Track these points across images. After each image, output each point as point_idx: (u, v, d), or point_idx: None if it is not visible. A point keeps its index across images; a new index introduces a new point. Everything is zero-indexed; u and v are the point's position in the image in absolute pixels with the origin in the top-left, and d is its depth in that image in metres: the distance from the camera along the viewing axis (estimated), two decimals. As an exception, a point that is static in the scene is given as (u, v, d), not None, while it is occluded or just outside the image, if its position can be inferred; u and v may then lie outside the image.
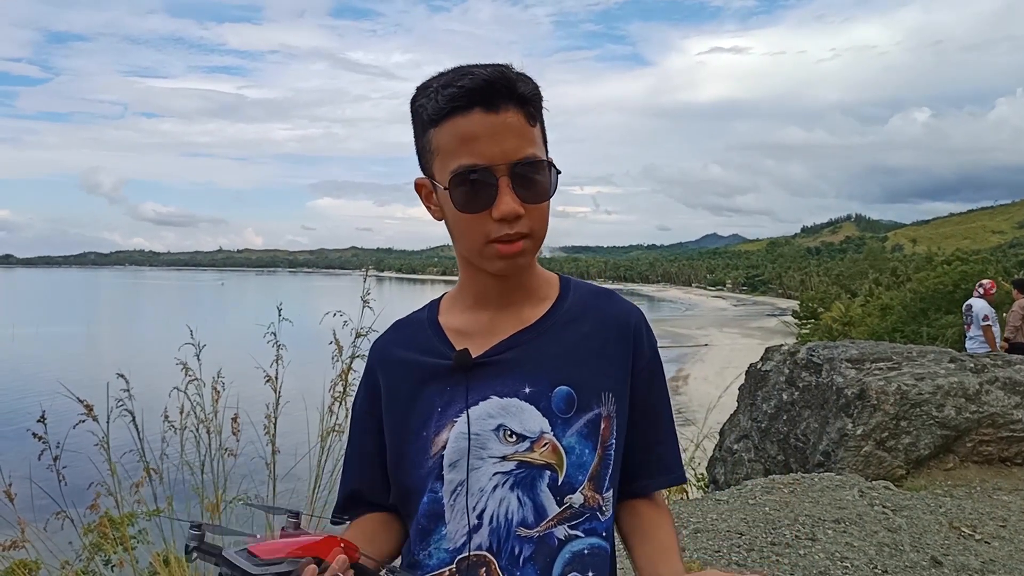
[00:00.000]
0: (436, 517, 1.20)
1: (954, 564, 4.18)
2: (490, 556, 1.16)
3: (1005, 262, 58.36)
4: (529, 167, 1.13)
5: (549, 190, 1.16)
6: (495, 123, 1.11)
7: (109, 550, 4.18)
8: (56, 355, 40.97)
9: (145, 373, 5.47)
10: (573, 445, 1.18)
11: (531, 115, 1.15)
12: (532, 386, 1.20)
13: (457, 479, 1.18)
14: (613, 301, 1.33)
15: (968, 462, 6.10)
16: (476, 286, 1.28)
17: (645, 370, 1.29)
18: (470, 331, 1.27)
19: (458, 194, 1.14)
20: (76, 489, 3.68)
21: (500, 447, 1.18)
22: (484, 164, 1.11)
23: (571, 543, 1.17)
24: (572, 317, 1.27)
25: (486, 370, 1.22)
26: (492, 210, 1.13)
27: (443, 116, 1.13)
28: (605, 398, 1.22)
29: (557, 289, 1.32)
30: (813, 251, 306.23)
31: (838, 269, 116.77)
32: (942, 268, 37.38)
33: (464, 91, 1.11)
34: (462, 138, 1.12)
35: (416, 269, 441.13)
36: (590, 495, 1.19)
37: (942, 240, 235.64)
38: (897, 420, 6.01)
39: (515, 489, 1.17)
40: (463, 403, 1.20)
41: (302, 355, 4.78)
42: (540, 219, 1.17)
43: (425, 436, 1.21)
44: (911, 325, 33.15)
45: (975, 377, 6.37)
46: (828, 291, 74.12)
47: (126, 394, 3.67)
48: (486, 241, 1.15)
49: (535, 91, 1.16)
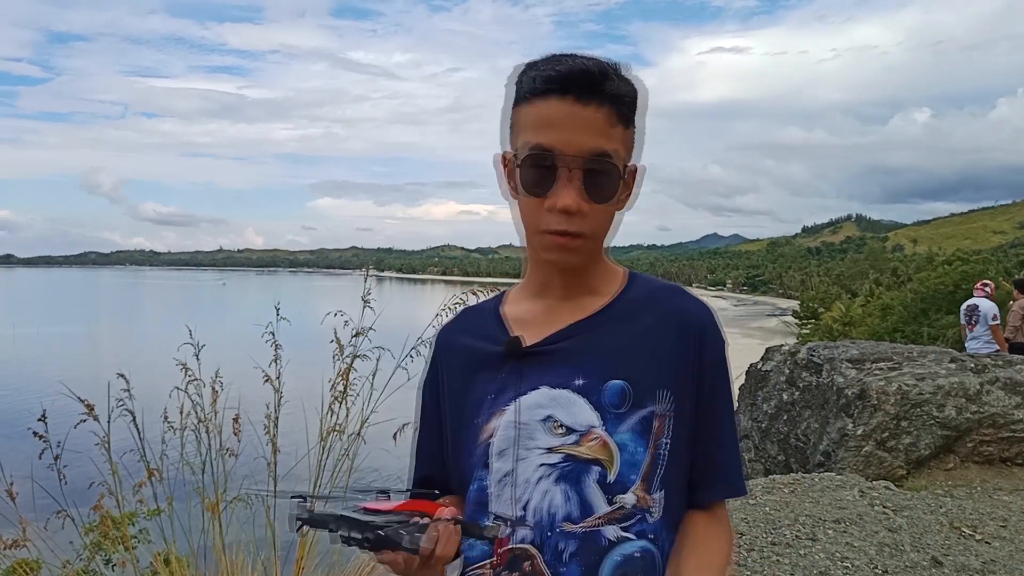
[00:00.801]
0: (482, 506, 1.19)
1: (955, 564, 4.18)
2: (533, 550, 1.14)
3: (1006, 262, 58.32)
4: (600, 166, 1.11)
5: (614, 193, 1.14)
6: (578, 114, 1.10)
7: (110, 549, 4.19)
8: (57, 355, 40.99)
9: (146, 373, 5.47)
10: (626, 442, 1.15)
11: (620, 115, 1.13)
12: (584, 378, 1.16)
13: (504, 468, 1.17)
14: (680, 297, 1.27)
15: (969, 462, 6.11)
16: (540, 275, 1.26)
17: (708, 373, 1.23)
18: (528, 320, 1.25)
19: (525, 173, 1.13)
20: (77, 488, 3.68)
21: (547, 438, 1.16)
22: (557, 151, 1.10)
23: (621, 545, 1.14)
24: (633, 311, 1.23)
25: (539, 359, 1.19)
26: (551, 198, 1.12)
27: (534, 95, 1.12)
28: (661, 396, 1.17)
29: (622, 282, 1.28)
30: (813, 251, 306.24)
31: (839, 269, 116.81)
32: (943, 268, 37.36)
33: (559, 76, 1.10)
34: (543, 120, 1.11)
35: (416, 269, 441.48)
36: (641, 496, 1.15)
37: (943, 240, 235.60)
38: (898, 420, 6.01)
39: (560, 482, 1.14)
40: (514, 392, 1.19)
41: (303, 355, 4.78)
42: (599, 221, 1.15)
43: (476, 423, 1.21)
44: (912, 325, 33.14)
45: (976, 377, 6.38)
46: (828, 291, 74.08)
47: (126, 394, 3.67)
48: (541, 228, 1.14)
49: (631, 93, 1.14)
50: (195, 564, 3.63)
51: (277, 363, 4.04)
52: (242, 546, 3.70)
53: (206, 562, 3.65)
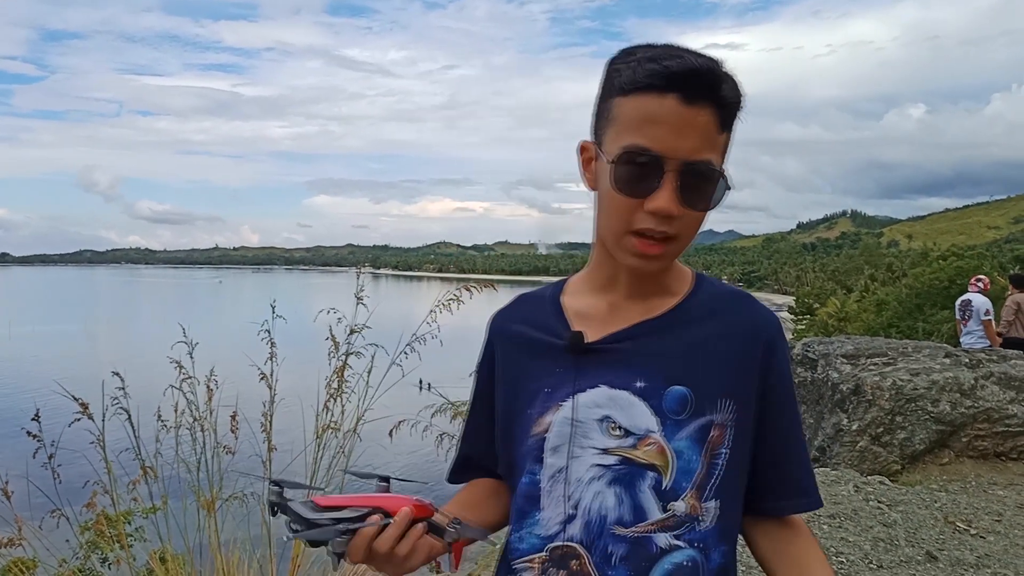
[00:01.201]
0: (532, 500, 1.17)
1: (949, 559, 4.19)
2: (581, 549, 1.12)
3: (1001, 257, 58.40)
4: (701, 171, 1.07)
5: (712, 201, 1.10)
6: (685, 115, 1.05)
7: (106, 548, 4.19)
8: (52, 353, 40.91)
9: (142, 371, 5.47)
10: (683, 450, 1.12)
11: (724, 121, 1.09)
12: (645, 381, 1.14)
13: (557, 465, 1.15)
14: (749, 306, 1.23)
15: (963, 457, 6.12)
16: (607, 269, 1.22)
17: (775, 384, 1.20)
18: (590, 314, 1.22)
19: (621, 172, 1.08)
20: (72, 487, 3.68)
21: (603, 439, 1.14)
22: (658, 152, 1.05)
23: (672, 554, 1.12)
24: (700, 315, 1.20)
25: (600, 357, 1.17)
26: (647, 201, 1.07)
27: (635, 89, 1.07)
28: (723, 404, 1.14)
29: (690, 285, 1.24)
30: (809, 247, 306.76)
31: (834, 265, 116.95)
32: (937, 264, 37.40)
33: (667, 72, 1.04)
34: (646, 118, 1.06)
35: (412, 266, 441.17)
36: (692, 504, 1.13)
37: (937, 235, 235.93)
38: (892, 415, 6.03)
39: (613, 485, 1.13)
40: (571, 387, 1.16)
41: (299, 352, 4.78)
42: (691, 227, 1.11)
43: (530, 414, 1.19)
44: (906, 320, 33.19)
45: (970, 372, 6.39)
46: (824, 287, 74.17)
47: (121, 392, 3.66)
48: (628, 230, 1.10)
49: (737, 98, 1.10)
50: (191, 562, 3.63)
51: (273, 360, 4.04)
52: (238, 544, 3.70)
53: (202, 560, 3.65)
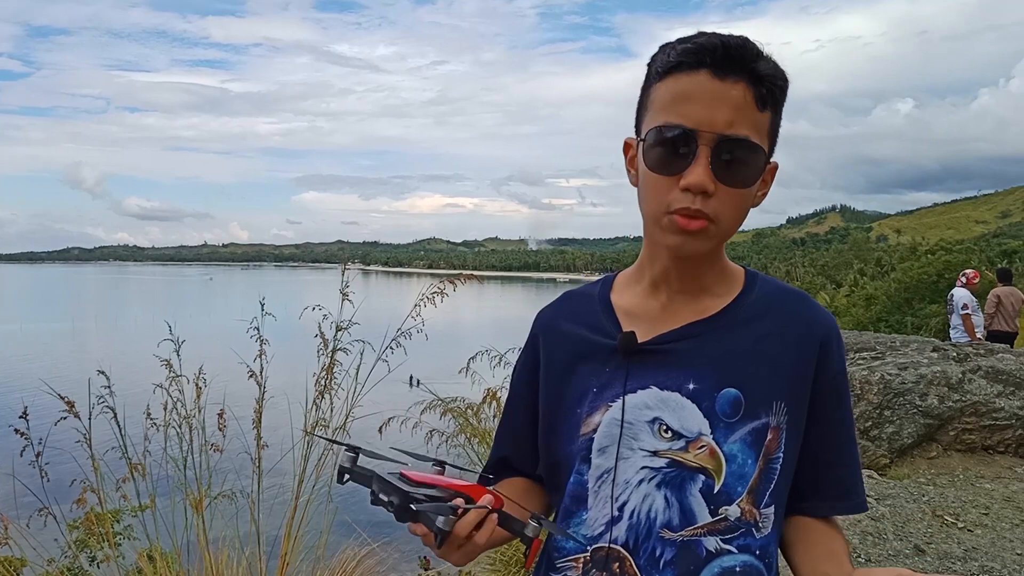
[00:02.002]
0: (579, 500, 1.15)
1: (937, 552, 4.22)
2: (625, 552, 1.10)
3: (988, 251, 58.77)
4: (736, 146, 1.04)
5: (751, 179, 1.07)
6: (716, 89, 1.03)
7: (94, 547, 4.16)
8: (39, 352, 40.69)
9: (129, 370, 5.44)
10: (735, 453, 1.10)
11: (761, 97, 1.05)
12: (697, 383, 1.11)
13: (604, 465, 1.13)
14: (804, 305, 1.20)
15: (951, 451, 6.16)
16: (656, 266, 1.18)
17: (829, 385, 1.17)
18: (640, 313, 1.19)
19: (653, 151, 1.06)
20: (59, 486, 3.65)
21: (653, 441, 1.11)
22: (688, 127, 1.03)
23: (722, 557, 1.09)
24: (753, 315, 1.16)
25: (651, 358, 1.14)
26: (682, 178, 1.04)
27: (669, 70, 1.06)
28: (776, 407, 1.11)
29: (741, 283, 1.21)
30: (799, 242, 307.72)
31: (823, 259, 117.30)
32: (926, 258, 37.59)
33: (697, 48, 1.03)
34: (678, 95, 1.05)
35: (402, 262, 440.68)
36: (748, 509, 1.10)
37: (926, 230, 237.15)
38: (881, 409, 6.05)
39: (662, 488, 1.10)
40: (620, 388, 1.14)
41: (288, 349, 4.76)
42: (731, 206, 1.07)
43: (578, 413, 1.17)
44: (895, 315, 33.35)
45: (958, 366, 6.42)
46: (814, 281, 74.40)
47: (107, 391, 3.64)
48: (667, 210, 1.07)
49: (775, 76, 1.06)
50: (179, 560, 3.61)
51: (263, 358, 4.02)
52: (226, 542, 3.69)
53: (190, 558, 3.63)
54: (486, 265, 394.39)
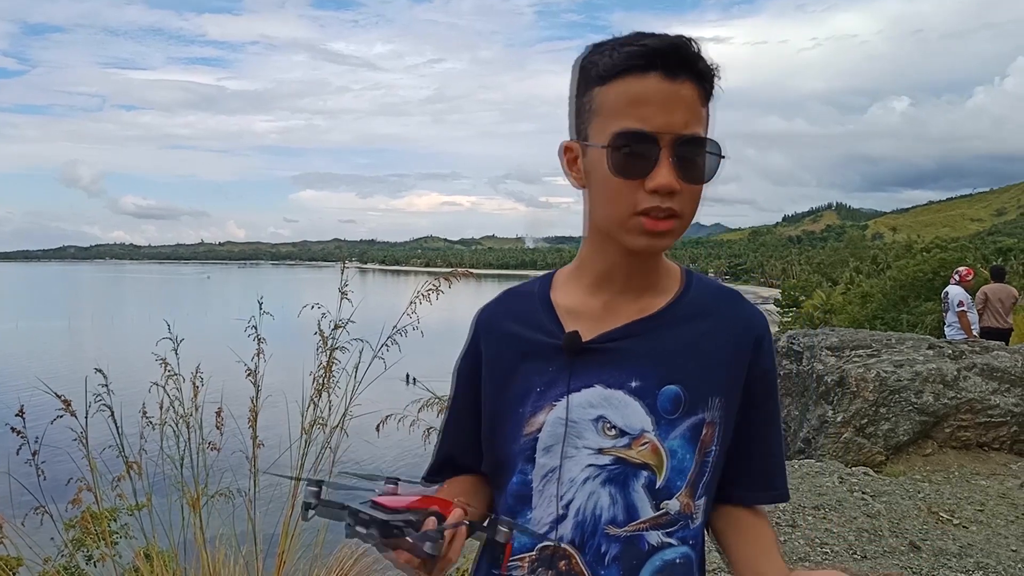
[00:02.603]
0: (523, 500, 1.17)
1: (932, 549, 4.23)
2: (571, 550, 1.13)
3: (984, 249, 58.87)
4: (694, 145, 1.07)
5: (707, 173, 1.10)
6: (670, 91, 1.05)
7: (91, 545, 4.16)
8: (35, 350, 40.62)
9: (126, 368, 5.44)
10: (675, 449, 1.13)
11: (706, 93, 1.09)
12: (640, 381, 1.14)
13: (549, 464, 1.15)
14: (739, 304, 1.24)
15: (946, 448, 6.18)
16: (599, 265, 1.20)
17: (761, 381, 1.21)
18: (582, 312, 1.20)
19: (616, 156, 1.07)
20: (56, 484, 3.65)
21: (597, 439, 1.13)
22: (650, 131, 1.05)
23: (663, 551, 1.13)
24: (692, 314, 1.20)
25: (594, 357, 1.16)
26: (647, 180, 1.06)
27: (616, 74, 1.06)
28: (713, 403, 1.15)
29: (679, 282, 1.24)
30: (795, 240, 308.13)
31: (819, 257, 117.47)
32: (921, 256, 37.67)
33: (646, 51, 1.04)
34: (632, 100, 1.06)
35: (399, 261, 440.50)
36: (686, 502, 1.14)
37: (922, 228, 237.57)
38: (876, 407, 6.07)
39: (607, 485, 1.13)
40: (564, 387, 1.15)
41: (285, 348, 4.76)
42: (692, 201, 1.10)
43: (521, 413, 1.18)
44: (891, 312, 33.41)
45: (953, 363, 6.44)
46: (809, 279, 74.52)
47: (104, 389, 3.63)
48: (633, 212, 1.08)
49: (714, 70, 1.10)
50: (176, 559, 3.61)
51: (261, 356, 4.02)
52: (224, 540, 3.69)
53: (187, 557, 3.63)
54: (483, 263, 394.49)
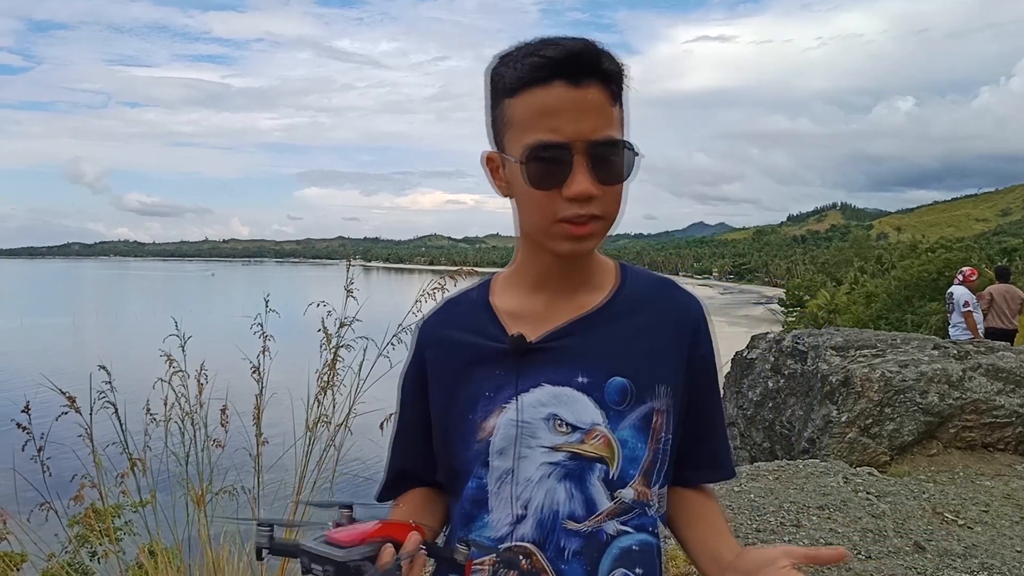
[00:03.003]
0: (480, 504, 1.17)
1: (937, 549, 4.22)
2: (533, 548, 1.14)
3: (988, 249, 58.81)
4: (607, 148, 1.08)
5: (624, 172, 1.11)
6: (576, 98, 1.06)
7: (95, 542, 4.17)
8: (40, 347, 40.72)
9: (131, 365, 5.44)
10: (627, 439, 1.15)
11: (613, 94, 1.10)
12: (587, 376, 1.15)
13: (503, 467, 1.15)
14: (674, 292, 1.28)
15: (951, 448, 6.16)
16: (535, 267, 1.23)
17: (702, 365, 1.24)
18: (524, 314, 1.22)
19: (532, 169, 1.08)
20: (60, 481, 3.66)
21: (550, 437, 1.15)
22: (561, 141, 1.06)
23: (620, 539, 1.15)
24: (631, 306, 1.22)
25: (539, 356, 1.17)
26: (564, 188, 1.07)
27: (522, 86, 1.07)
28: (660, 391, 1.17)
29: (616, 276, 1.26)
30: (799, 239, 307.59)
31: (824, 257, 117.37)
32: (926, 256, 37.62)
33: (547, 61, 1.05)
34: (540, 111, 1.07)
35: (403, 259, 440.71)
36: (641, 490, 1.16)
37: (926, 228, 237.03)
38: (881, 407, 6.06)
39: (564, 481, 1.14)
40: (514, 389, 1.16)
41: (290, 346, 4.76)
42: (613, 202, 1.12)
43: (472, 419, 1.18)
44: (895, 312, 33.38)
45: (958, 364, 6.43)
46: (814, 279, 74.50)
47: (108, 386, 3.64)
48: (555, 220, 1.10)
49: (620, 69, 1.10)
50: (180, 556, 3.61)
51: (267, 354, 4.02)
52: (227, 538, 3.69)
53: (191, 554, 3.63)
54: (487, 261, 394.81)
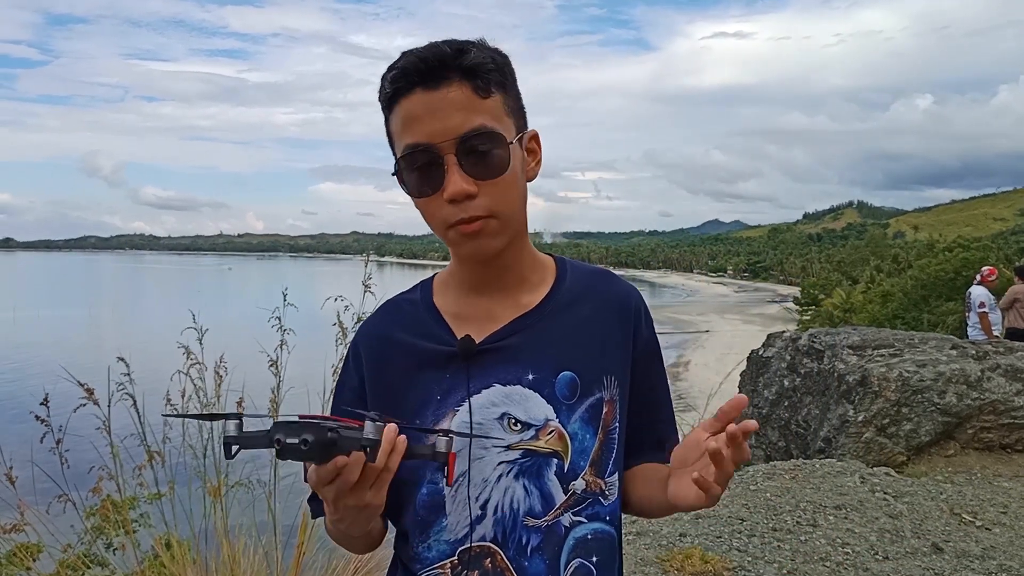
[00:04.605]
0: (436, 509, 1.17)
1: (955, 550, 4.19)
2: (495, 547, 1.14)
3: (1007, 249, 58.33)
4: (477, 140, 1.06)
5: (505, 164, 1.09)
6: (435, 100, 1.05)
7: (111, 533, 4.20)
8: (58, 338, 41.07)
9: (149, 357, 5.47)
10: (576, 431, 1.16)
11: (481, 87, 1.07)
12: (535, 373, 1.16)
13: (459, 469, 1.14)
14: (612, 282, 1.29)
15: (969, 449, 6.11)
16: (464, 270, 1.23)
17: (645, 351, 1.27)
18: (468, 316, 1.22)
19: (408, 178, 1.10)
20: (78, 472, 3.68)
21: (505, 436, 1.15)
22: (425, 142, 1.06)
23: (575, 529, 1.16)
24: (571, 300, 1.23)
25: (488, 357, 1.17)
26: (442, 192, 1.07)
27: (390, 100, 1.10)
28: (608, 382, 1.19)
29: (554, 272, 1.27)
30: (815, 237, 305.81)
31: (839, 256, 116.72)
32: (943, 255, 37.36)
33: (401, 72, 1.07)
34: (405, 119, 1.08)
35: (417, 254, 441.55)
36: (592, 480, 1.17)
37: (944, 227, 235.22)
38: (898, 407, 6.01)
39: (521, 478, 1.14)
40: (464, 392, 1.16)
41: (307, 339, 4.78)
42: (501, 195, 1.09)
43: (420, 425, 1.17)
44: (912, 312, 33.17)
45: (976, 364, 6.37)
46: (829, 278, 74.14)
47: (127, 378, 3.66)
48: (446, 226, 1.10)
49: (485, 61, 1.08)
50: (196, 548, 3.63)
51: (285, 347, 4.04)
52: (244, 530, 3.71)
53: (207, 546, 3.65)
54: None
